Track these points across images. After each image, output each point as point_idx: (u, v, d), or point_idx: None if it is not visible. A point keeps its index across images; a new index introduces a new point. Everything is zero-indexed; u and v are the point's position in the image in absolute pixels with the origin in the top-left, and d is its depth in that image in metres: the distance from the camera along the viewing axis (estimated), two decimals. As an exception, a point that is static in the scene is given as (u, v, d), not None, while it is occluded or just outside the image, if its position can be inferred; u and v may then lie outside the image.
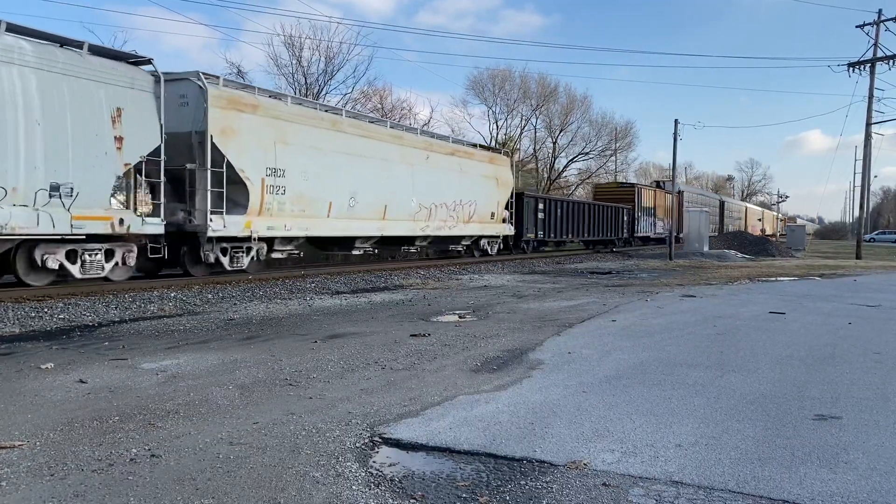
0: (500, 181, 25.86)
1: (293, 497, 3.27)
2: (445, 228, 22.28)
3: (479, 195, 24.19)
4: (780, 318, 9.93)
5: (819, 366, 6.51)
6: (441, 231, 22.06)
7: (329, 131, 17.18)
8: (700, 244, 31.12)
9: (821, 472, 3.65)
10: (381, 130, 19.74)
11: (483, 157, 25.30)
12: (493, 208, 25.28)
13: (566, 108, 60.24)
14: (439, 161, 21.95)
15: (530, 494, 3.34)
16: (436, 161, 21.70)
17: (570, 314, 10.03)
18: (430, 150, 21.50)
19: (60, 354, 6.76)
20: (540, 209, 29.17)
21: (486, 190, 24.80)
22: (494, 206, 25.42)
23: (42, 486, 3.36)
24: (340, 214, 17.39)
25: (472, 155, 24.49)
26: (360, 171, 18.03)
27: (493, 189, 25.31)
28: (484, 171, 24.82)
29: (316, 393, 5.26)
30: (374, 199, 18.67)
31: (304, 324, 8.97)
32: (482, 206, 24.45)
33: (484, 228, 24.79)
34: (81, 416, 4.56)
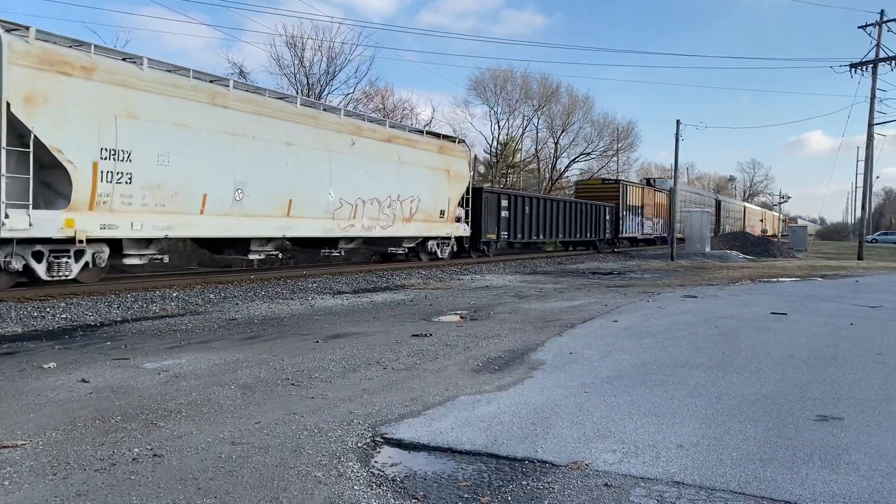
0: (452, 174, 22.06)
1: (295, 497, 3.27)
2: (377, 228, 18.79)
3: (423, 190, 20.55)
4: (782, 318, 9.93)
5: (821, 367, 6.51)
6: (372, 232, 18.62)
7: (204, 105, 13.60)
8: (702, 245, 31.10)
9: (822, 473, 3.65)
10: (284, 108, 15.88)
11: (431, 145, 21.40)
12: (444, 205, 21.58)
13: (568, 109, 60.20)
14: (369, 148, 18.30)
15: (532, 495, 3.34)
16: (364, 148, 18.09)
17: (571, 314, 10.03)
18: (356, 135, 17.84)
19: (63, 354, 6.77)
20: (504, 207, 25.96)
21: (433, 184, 21.01)
22: (445, 202, 21.64)
23: (45, 486, 3.37)
24: (221, 210, 13.89)
25: (416, 143, 20.64)
26: (252, 156, 14.53)
27: (443, 183, 21.57)
28: (431, 162, 21.07)
29: (318, 393, 5.27)
30: (273, 191, 15.17)
31: (305, 324, 8.97)
32: (428, 203, 20.79)
33: (430, 228, 21.18)
34: (84, 416, 4.57)
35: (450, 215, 22.09)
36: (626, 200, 39.55)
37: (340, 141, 17.35)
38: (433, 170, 21.16)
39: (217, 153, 13.78)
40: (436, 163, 21.36)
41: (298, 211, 15.98)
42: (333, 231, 17.30)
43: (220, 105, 13.89)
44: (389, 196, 19.23)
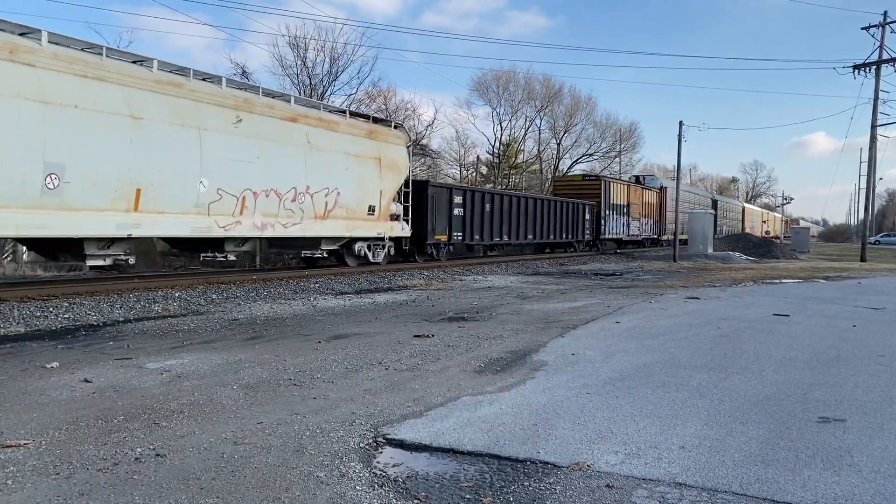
0: (385, 164, 18.60)
1: (297, 497, 3.28)
2: (277, 227, 15.15)
3: (345, 181, 17.11)
4: (785, 320, 9.92)
5: (823, 368, 6.51)
6: (268, 231, 14.94)
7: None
8: (704, 246, 31.07)
9: (825, 475, 3.65)
10: (129, 71, 12.29)
11: (355, 128, 17.94)
12: (374, 200, 18.22)
13: (570, 110, 60.30)
14: (265, 128, 14.76)
15: (534, 496, 3.34)
16: (256, 127, 14.50)
17: (573, 315, 10.03)
18: (245, 111, 14.29)
19: (65, 354, 6.78)
20: (457, 204, 22.77)
21: (358, 174, 17.61)
22: (375, 197, 18.26)
23: (47, 485, 3.38)
24: (23, 201, 10.46)
25: (334, 125, 17.14)
26: (75, 131, 11.09)
27: (373, 174, 18.17)
28: (356, 149, 17.62)
29: (320, 393, 5.27)
30: (110, 178, 11.66)
31: (307, 324, 8.98)
32: (351, 197, 17.39)
33: (355, 227, 17.76)
34: (86, 416, 4.58)
35: (382, 212, 18.69)
36: (609, 198, 36.27)
37: (219, 117, 13.62)
38: (359, 158, 17.72)
39: (15, 125, 10.34)
40: (362, 149, 17.89)
41: (152, 204, 12.44)
42: (210, 230, 13.44)
43: (23, 63, 10.50)
44: (294, 188, 15.57)
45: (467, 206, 23.41)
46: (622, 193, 38.37)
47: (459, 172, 54.29)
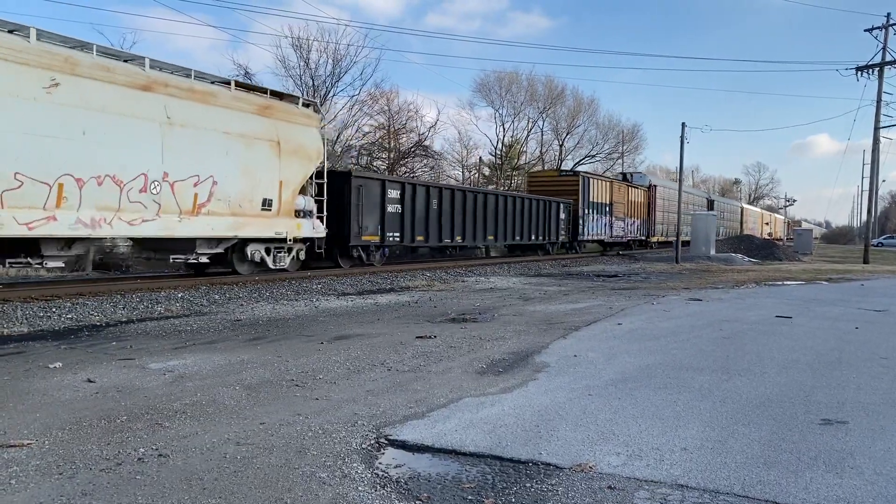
0: (287, 148, 15.27)
1: (299, 497, 3.29)
2: (117, 224, 11.89)
3: (225, 168, 13.66)
4: (787, 322, 9.91)
5: (826, 370, 6.50)
6: (103, 230, 11.67)
7: None
8: (707, 247, 31.04)
9: (827, 477, 3.65)
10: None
11: (242, 102, 14.28)
12: (270, 192, 14.93)
13: (573, 111, 60.35)
14: (95, 95, 11.45)
15: (535, 497, 3.35)
16: (81, 94, 11.25)
17: (575, 317, 10.03)
18: (65, 73, 11.03)
19: (69, 354, 6.80)
20: (392, 199, 19.53)
21: (245, 160, 14.21)
22: (272, 188, 14.98)
23: (51, 485, 3.39)
24: None
25: (210, 97, 13.49)
26: None
27: (269, 161, 14.80)
28: (242, 128, 14.15)
29: (322, 394, 5.28)
30: None
31: (310, 325, 8.99)
32: (235, 188, 13.96)
33: (242, 226, 14.29)
34: (89, 416, 4.59)
35: (284, 207, 15.47)
36: (588, 196, 33.44)
37: (20, 79, 10.44)
38: (247, 139, 14.31)
39: None
40: (252, 129, 14.44)
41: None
42: (8, 228, 10.23)
43: None
44: (145, 174, 12.33)
45: (407, 201, 20.25)
46: (604, 191, 35.50)
47: (462, 174, 54.31)
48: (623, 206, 38.07)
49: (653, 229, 43.11)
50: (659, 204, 43.93)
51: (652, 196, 42.84)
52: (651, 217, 42.78)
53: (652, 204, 42.76)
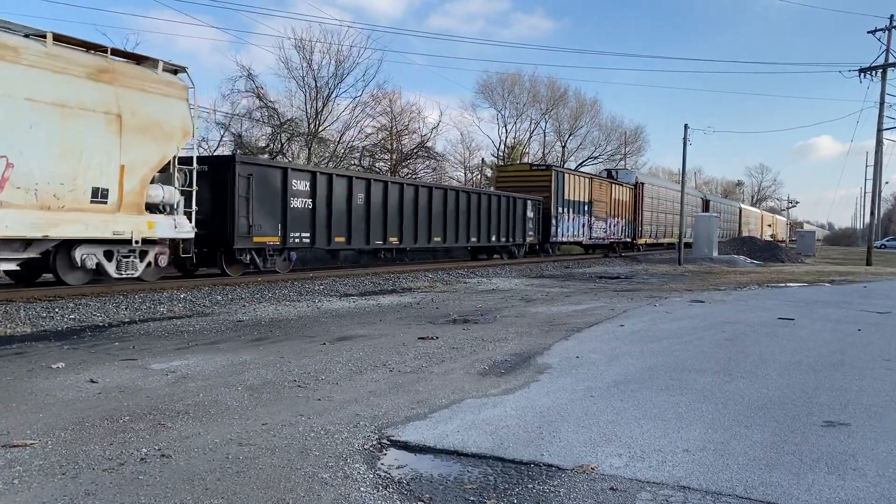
0: (134, 124, 12.08)
1: (302, 498, 3.29)
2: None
3: (30, 147, 10.57)
4: (790, 324, 9.90)
5: (828, 372, 6.49)
6: None
7: None
8: (709, 249, 31.03)
9: (829, 479, 3.64)
10: None
11: (62, 62, 11.05)
12: (106, 180, 11.69)
13: (576, 112, 60.37)
14: None
15: (538, 498, 3.35)
16: None
17: (578, 318, 10.03)
18: None
19: (71, 354, 6.81)
20: (298, 191, 16.28)
21: (67, 137, 11.07)
22: (110, 175, 11.74)
23: (54, 485, 3.40)
24: None
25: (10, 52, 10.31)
26: None
27: (105, 138, 11.63)
28: (60, 94, 11.00)
29: (324, 395, 5.29)
30: None
31: (312, 326, 9.00)
32: (45, 174, 10.79)
33: (60, 224, 11.05)
34: (92, 416, 4.60)
35: (129, 199, 12.15)
36: (562, 193, 30.04)
37: None
38: (67, 110, 11.09)
39: None
40: (77, 96, 11.23)
41: None
42: None
43: None
44: None
45: (320, 195, 16.93)
46: (582, 188, 32.11)
47: (464, 175, 54.34)
48: (605, 204, 34.74)
49: (640, 230, 39.94)
50: (647, 203, 40.89)
51: (639, 195, 39.52)
52: (638, 217, 39.50)
53: (639, 203, 39.48)
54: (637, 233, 39.43)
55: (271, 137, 35.56)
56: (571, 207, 31.01)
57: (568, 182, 30.79)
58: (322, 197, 16.97)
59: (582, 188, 32.14)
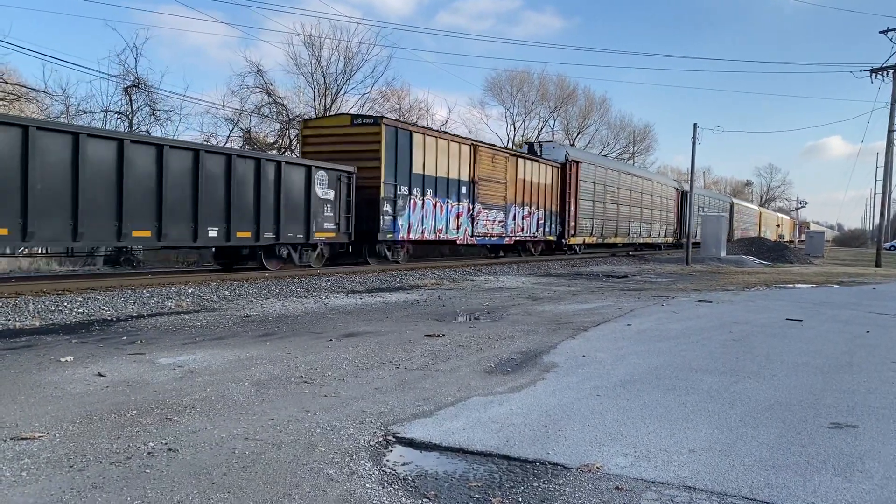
0: None
1: (307, 493, 3.30)
2: None
3: None
4: (797, 325, 9.86)
5: (836, 374, 6.47)
6: None
7: None
8: (717, 249, 30.93)
9: (836, 481, 3.63)
10: None
11: None
12: None
13: (584, 111, 60.24)
14: None
15: (543, 496, 3.35)
16: None
17: (585, 317, 10.02)
18: None
19: (80, 348, 6.84)
20: None
21: None
22: None
23: (62, 477, 3.42)
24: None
25: None
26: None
27: None
28: None
29: (331, 391, 5.30)
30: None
31: (319, 322, 9.02)
32: None
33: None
34: (100, 410, 4.62)
35: None
36: (409, 164, 19.61)
37: None
38: None
39: None
40: None
41: None
42: None
43: None
44: None
45: None
46: (453, 159, 21.58)
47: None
48: (503, 187, 24.48)
49: (572, 226, 30.04)
50: (585, 189, 30.97)
51: (570, 177, 29.54)
52: (569, 209, 29.65)
53: (570, 189, 29.61)
54: (568, 229, 29.70)
55: (280, 133, 35.62)
56: (432, 188, 20.56)
57: (422, 147, 20.03)
58: None
59: (452, 159, 21.55)
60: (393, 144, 18.99)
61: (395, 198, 19.10)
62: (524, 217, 26.43)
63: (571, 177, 29.84)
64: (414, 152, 19.84)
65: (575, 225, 30.36)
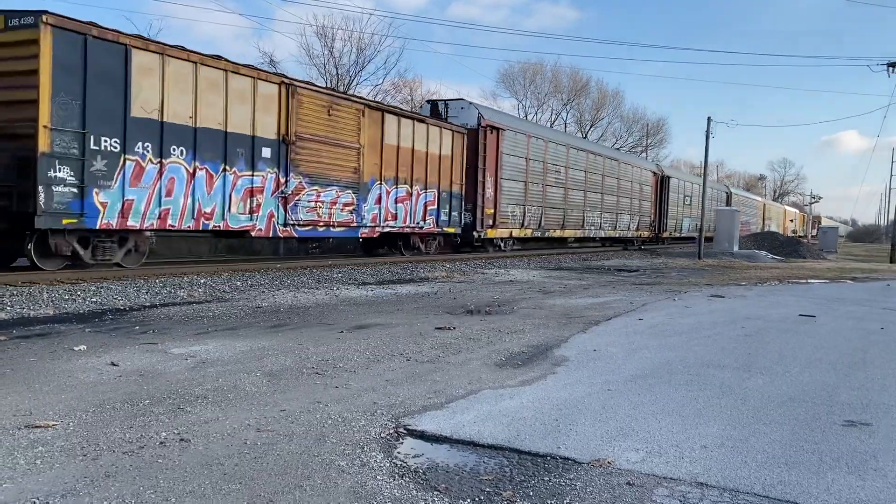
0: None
1: (319, 485, 3.31)
2: None
3: None
4: (810, 321, 9.79)
5: (849, 370, 6.42)
6: None
7: None
8: (730, 244, 30.75)
9: (849, 479, 3.61)
10: None
11: None
12: None
13: (598, 103, 59.97)
14: None
15: (554, 491, 3.34)
16: None
17: (596, 311, 9.99)
18: None
19: (93, 337, 6.89)
20: None
21: None
22: None
23: (75, 466, 3.44)
24: None
25: None
26: None
27: None
28: None
29: (342, 382, 5.31)
30: None
31: (330, 313, 9.04)
32: None
33: None
34: (113, 399, 4.65)
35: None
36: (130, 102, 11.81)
37: None
38: None
39: None
40: None
41: None
42: None
43: None
44: None
45: None
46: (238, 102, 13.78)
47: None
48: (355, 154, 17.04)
49: (489, 214, 22.49)
50: (511, 166, 23.53)
51: (485, 148, 21.94)
52: (483, 190, 22.04)
53: (485, 164, 22.02)
54: (484, 218, 22.17)
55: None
56: (186, 144, 12.90)
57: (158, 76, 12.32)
58: None
59: (243, 104, 13.93)
60: (77, 65, 11.04)
61: (82, 156, 11.17)
62: (399, 200, 18.81)
63: (488, 148, 21.98)
64: (136, 83, 11.89)
65: (494, 213, 22.51)
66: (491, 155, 22.33)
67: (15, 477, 3.29)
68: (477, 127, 21.77)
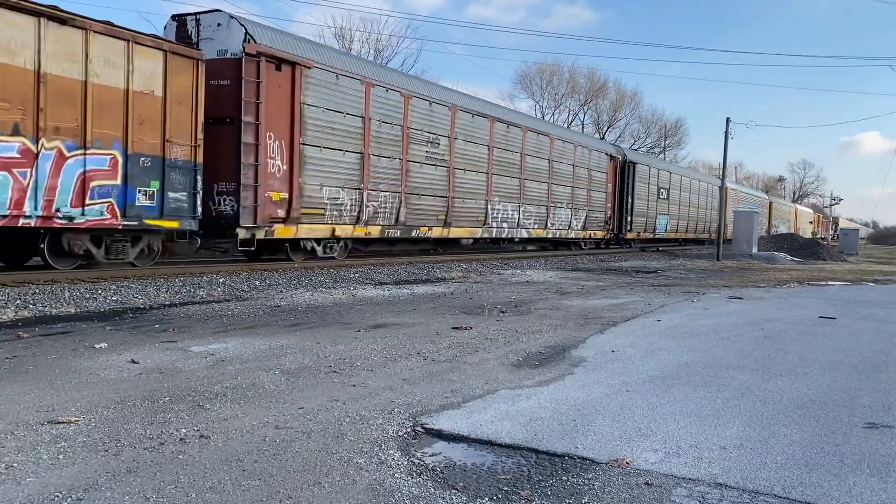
0: None
1: (337, 482, 3.33)
2: None
3: None
4: (831, 323, 9.69)
5: (871, 373, 6.35)
6: None
7: None
8: (749, 245, 30.48)
9: (871, 482, 3.57)
10: None
11: None
12: None
13: (615, 104, 59.80)
14: None
15: (572, 490, 3.34)
16: None
17: (614, 312, 9.95)
18: None
19: (113, 335, 6.96)
20: None
21: None
22: None
23: (97, 461, 3.48)
24: None
25: None
26: None
27: None
28: None
29: (359, 381, 5.33)
30: None
31: (347, 313, 9.07)
32: None
33: None
34: (133, 396, 4.70)
35: None
36: None
37: None
38: None
39: None
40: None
41: None
42: None
43: None
44: None
45: None
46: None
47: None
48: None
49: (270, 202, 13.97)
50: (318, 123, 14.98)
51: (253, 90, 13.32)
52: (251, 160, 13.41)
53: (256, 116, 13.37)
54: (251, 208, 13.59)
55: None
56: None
57: None
58: None
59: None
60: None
61: None
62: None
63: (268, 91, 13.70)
64: None
65: (290, 199, 14.48)
66: (276, 104, 13.90)
67: (38, 471, 3.34)
68: (241, 55, 13.25)
